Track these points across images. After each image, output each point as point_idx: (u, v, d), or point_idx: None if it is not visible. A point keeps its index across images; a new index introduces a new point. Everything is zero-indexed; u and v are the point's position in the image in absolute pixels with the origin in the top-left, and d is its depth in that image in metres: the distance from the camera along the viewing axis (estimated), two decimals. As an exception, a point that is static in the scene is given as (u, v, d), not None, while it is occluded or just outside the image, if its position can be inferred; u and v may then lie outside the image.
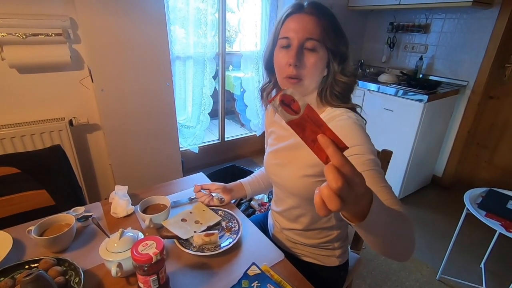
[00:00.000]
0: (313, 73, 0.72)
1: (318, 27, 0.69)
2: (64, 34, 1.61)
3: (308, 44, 0.69)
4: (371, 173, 0.59)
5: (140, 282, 0.64)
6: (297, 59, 0.69)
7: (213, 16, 2.27)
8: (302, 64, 0.70)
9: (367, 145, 0.64)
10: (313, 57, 0.70)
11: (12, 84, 1.61)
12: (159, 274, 0.64)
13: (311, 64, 0.70)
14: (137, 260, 0.60)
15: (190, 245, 0.80)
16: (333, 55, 0.72)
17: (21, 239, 0.81)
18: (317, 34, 0.69)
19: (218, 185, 1.00)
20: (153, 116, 1.93)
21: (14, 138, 1.58)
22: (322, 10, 0.71)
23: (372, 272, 1.71)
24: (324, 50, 0.71)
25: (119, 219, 0.92)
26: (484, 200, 1.45)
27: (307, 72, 0.71)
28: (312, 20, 0.69)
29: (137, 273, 0.63)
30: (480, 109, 2.33)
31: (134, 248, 0.62)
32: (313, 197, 0.78)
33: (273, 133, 0.92)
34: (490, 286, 1.59)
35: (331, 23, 0.71)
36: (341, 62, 0.73)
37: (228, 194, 1.00)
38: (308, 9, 0.70)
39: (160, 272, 0.64)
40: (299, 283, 0.70)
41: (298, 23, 0.70)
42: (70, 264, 0.69)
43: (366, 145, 0.64)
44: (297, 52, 0.69)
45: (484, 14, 2.15)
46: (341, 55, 0.73)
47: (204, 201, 0.98)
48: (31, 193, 1.00)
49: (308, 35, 0.69)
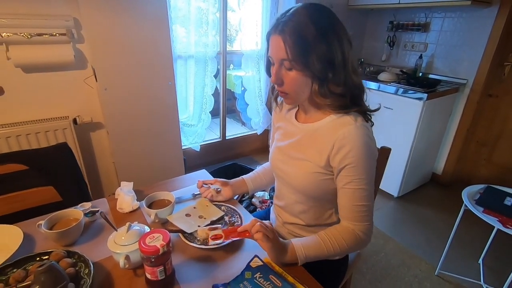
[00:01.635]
0: (294, 89, 0.75)
1: (289, 46, 0.68)
2: (68, 34, 1.63)
3: (285, 63, 0.72)
4: (349, 191, 0.76)
5: (148, 273, 0.66)
6: (277, 78, 0.74)
7: (214, 15, 2.29)
8: (282, 82, 0.74)
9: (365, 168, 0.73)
10: (290, 75, 0.73)
11: (17, 83, 1.64)
12: (166, 266, 0.66)
13: (290, 81, 0.73)
14: (145, 251, 0.63)
15: (195, 239, 0.82)
16: (308, 75, 0.72)
17: (31, 233, 0.84)
18: (289, 54, 0.69)
19: (221, 181, 1.03)
20: (155, 115, 1.95)
21: (19, 136, 1.61)
22: (294, 28, 0.68)
23: (372, 268, 1.73)
24: (299, 69, 0.71)
25: (125, 214, 0.95)
26: (482, 196, 1.47)
27: (289, 88, 0.75)
28: (283, 40, 0.69)
29: (145, 265, 0.66)
30: (479, 107, 2.35)
31: (142, 240, 0.65)
32: (317, 195, 0.84)
33: (280, 128, 0.94)
34: (488, 281, 1.61)
35: (301, 42, 0.68)
36: (322, 83, 0.72)
37: (231, 190, 1.03)
38: (280, 29, 0.70)
39: (166, 263, 0.66)
40: (300, 275, 0.73)
41: (273, 44, 0.72)
42: (79, 256, 0.71)
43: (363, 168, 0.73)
44: (276, 72, 0.73)
45: (483, 13, 2.16)
46: (319, 76, 0.71)
47: (207, 196, 1.01)
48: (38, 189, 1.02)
49: (282, 56, 0.70)
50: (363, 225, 0.77)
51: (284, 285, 0.67)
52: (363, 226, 0.77)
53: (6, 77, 1.61)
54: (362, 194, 0.74)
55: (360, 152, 0.71)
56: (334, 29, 0.70)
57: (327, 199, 0.84)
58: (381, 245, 1.92)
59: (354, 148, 0.71)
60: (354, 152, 0.71)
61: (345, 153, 0.71)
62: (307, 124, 0.83)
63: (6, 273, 0.67)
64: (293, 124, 0.88)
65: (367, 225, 0.78)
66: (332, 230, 0.79)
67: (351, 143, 0.71)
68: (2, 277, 0.65)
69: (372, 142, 0.74)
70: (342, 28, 0.72)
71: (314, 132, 0.80)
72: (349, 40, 0.73)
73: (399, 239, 1.98)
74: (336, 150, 0.73)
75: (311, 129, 0.81)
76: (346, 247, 0.77)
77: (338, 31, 0.70)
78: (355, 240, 0.77)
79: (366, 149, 0.71)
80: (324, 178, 0.79)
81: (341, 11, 2.75)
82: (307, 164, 0.80)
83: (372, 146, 0.74)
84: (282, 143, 0.89)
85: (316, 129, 0.80)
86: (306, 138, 0.82)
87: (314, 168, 0.79)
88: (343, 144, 0.71)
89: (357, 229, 0.78)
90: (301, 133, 0.84)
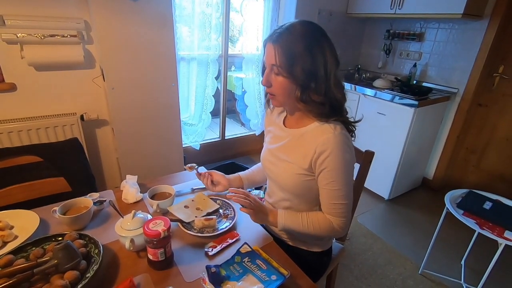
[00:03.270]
0: (280, 92, 0.85)
1: (279, 55, 0.78)
2: (79, 36, 1.73)
3: (274, 69, 0.82)
4: (328, 191, 0.86)
5: (150, 254, 0.76)
6: (266, 81, 0.85)
7: (217, 20, 2.39)
8: (270, 84, 0.85)
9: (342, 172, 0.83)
10: (277, 79, 0.83)
11: (30, 80, 1.74)
12: (166, 248, 0.76)
13: (277, 85, 0.84)
14: (148, 234, 0.73)
15: (192, 228, 0.92)
16: (293, 82, 0.81)
17: (45, 218, 0.93)
18: (278, 61, 0.79)
19: (219, 174, 1.13)
20: (158, 114, 2.05)
21: (30, 131, 1.71)
22: (285, 40, 0.78)
23: (359, 266, 1.83)
24: (285, 76, 0.81)
25: (129, 204, 1.05)
26: (462, 200, 1.57)
27: (276, 91, 0.85)
28: (275, 48, 0.79)
29: (147, 247, 0.75)
30: (469, 115, 2.45)
31: (146, 225, 0.74)
32: (302, 193, 0.95)
33: (271, 132, 1.04)
34: (468, 281, 1.71)
35: (289, 53, 0.77)
36: (304, 91, 0.81)
37: (227, 182, 1.12)
38: (274, 39, 0.80)
39: (166, 246, 0.76)
40: (284, 261, 0.82)
41: (267, 50, 0.83)
42: (90, 238, 0.81)
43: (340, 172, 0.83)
44: (267, 75, 0.84)
45: (474, 26, 2.26)
46: (302, 84, 0.80)
47: (206, 182, 1.10)
48: (51, 180, 1.12)
49: (272, 61, 0.81)
50: (340, 220, 0.88)
51: (269, 267, 0.76)
52: (339, 221, 0.88)
53: (19, 74, 1.71)
54: (339, 194, 0.85)
55: (337, 158, 0.81)
56: (321, 46, 0.80)
57: (310, 197, 0.94)
58: (370, 244, 2.01)
59: (332, 154, 0.81)
60: (331, 158, 0.81)
61: (324, 158, 0.82)
62: (293, 129, 0.93)
63: (27, 250, 0.76)
64: (282, 128, 0.98)
65: (343, 220, 0.88)
66: (315, 215, 0.91)
67: (329, 150, 0.81)
68: (23, 254, 0.75)
69: (349, 149, 0.84)
70: (329, 46, 0.81)
71: (299, 137, 0.90)
72: (336, 58, 0.82)
73: (387, 239, 2.07)
74: (317, 155, 0.83)
75: (297, 134, 0.91)
76: (319, 232, 0.90)
77: (325, 49, 0.80)
78: (329, 230, 0.90)
79: (342, 155, 0.81)
80: (307, 179, 0.89)
81: (340, 19, 2.84)
82: (292, 166, 0.90)
83: (348, 152, 0.83)
84: (272, 145, 0.99)
85: (302, 134, 0.90)
86: (292, 142, 0.92)
87: (298, 170, 0.88)
88: (323, 150, 0.81)
89: (334, 222, 0.88)
90: (288, 137, 0.93)
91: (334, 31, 2.85)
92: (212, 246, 0.86)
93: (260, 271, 0.75)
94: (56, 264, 0.69)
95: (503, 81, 2.30)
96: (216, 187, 1.11)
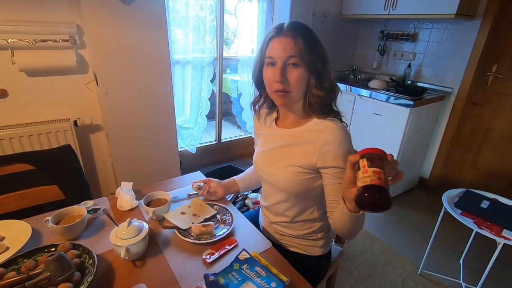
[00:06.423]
0: (297, 86, 0.83)
1: (296, 46, 0.79)
2: (71, 40, 1.71)
3: (290, 61, 0.81)
4: (337, 186, 0.83)
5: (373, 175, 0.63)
6: (282, 76, 0.81)
7: (212, 23, 2.38)
8: (286, 79, 0.82)
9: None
10: (296, 71, 0.81)
11: (21, 86, 1.71)
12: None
13: (295, 78, 0.82)
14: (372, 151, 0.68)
15: (189, 235, 0.90)
16: (310, 70, 0.82)
17: (38, 228, 0.91)
18: (296, 52, 0.79)
19: (214, 181, 1.11)
20: (153, 119, 2.03)
21: (22, 138, 1.67)
22: (299, 31, 0.81)
23: (359, 267, 1.82)
24: (304, 65, 0.81)
25: (124, 212, 1.02)
26: (460, 199, 1.57)
27: (292, 86, 0.83)
28: (290, 41, 0.80)
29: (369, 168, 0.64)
30: (464, 114, 2.46)
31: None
32: (300, 192, 0.92)
33: (262, 135, 1.03)
34: (467, 280, 1.70)
35: (307, 41, 0.80)
36: (318, 77, 0.83)
37: (223, 190, 1.11)
38: (286, 32, 0.80)
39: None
40: (283, 267, 0.81)
41: (279, 44, 0.81)
42: (84, 248, 0.79)
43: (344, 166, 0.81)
44: (281, 69, 0.81)
45: (467, 26, 2.28)
46: (317, 70, 0.82)
47: (203, 193, 1.09)
48: (44, 188, 1.09)
49: (289, 53, 0.80)
50: None
51: (268, 275, 0.75)
52: None
53: (10, 80, 1.68)
54: None
55: (345, 152, 0.81)
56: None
57: (309, 196, 0.92)
58: (368, 245, 2.00)
59: (339, 149, 0.81)
60: (339, 153, 0.81)
61: (331, 153, 0.81)
62: (288, 129, 0.93)
63: (18, 262, 0.74)
64: (274, 130, 0.97)
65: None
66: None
67: (335, 145, 0.81)
68: (14, 266, 0.72)
69: (351, 142, 0.85)
70: None
71: (295, 136, 0.89)
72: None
73: (386, 240, 2.07)
74: (324, 151, 0.82)
75: (291, 134, 0.91)
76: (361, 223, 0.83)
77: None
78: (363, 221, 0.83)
79: (349, 148, 0.82)
80: (307, 178, 0.87)
81: (334, 20, 2.85)
82: (290, 165, 0.89)
83: (351, 145, 0.84)
84: (265, 147, 0.98)
85: (298, 133, 0.89)
86: (290, 141, 0.91)
87: (297, 168, 0.87)
88: (329, 145, 0.81)
89: None
90: (283, 138, 0.93)
91: (329, 33, 2.86)
92: (210, 253, 0.84)
93: (260, 278, 0.74)
94: (48, 276, 0.66)
95: (497, 80, 2.31)
96: (212, 196, 1.11)
